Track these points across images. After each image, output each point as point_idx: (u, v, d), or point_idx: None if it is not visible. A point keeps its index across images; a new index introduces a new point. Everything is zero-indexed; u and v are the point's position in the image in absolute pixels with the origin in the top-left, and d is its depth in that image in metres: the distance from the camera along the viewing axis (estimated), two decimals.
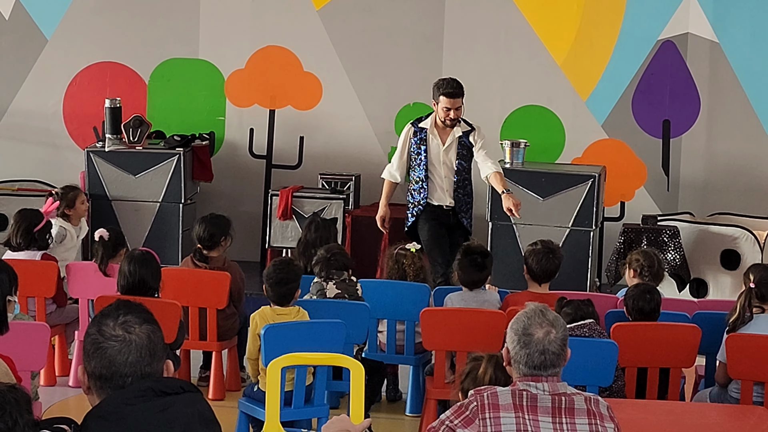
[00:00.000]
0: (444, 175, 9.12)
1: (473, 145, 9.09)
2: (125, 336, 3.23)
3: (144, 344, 3.24)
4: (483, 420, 4.12)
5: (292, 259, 7.67)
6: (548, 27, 11.04)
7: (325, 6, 11.28)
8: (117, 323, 3.25)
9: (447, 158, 9.12)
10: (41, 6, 11.52)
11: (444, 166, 9.12)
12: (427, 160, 9.14)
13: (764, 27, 10.74)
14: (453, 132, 9.09)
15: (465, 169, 9.16)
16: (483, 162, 9.06)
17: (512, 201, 8.91)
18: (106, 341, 3.23)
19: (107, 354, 3.22)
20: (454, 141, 9.09)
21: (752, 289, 6.70)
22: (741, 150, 10.91)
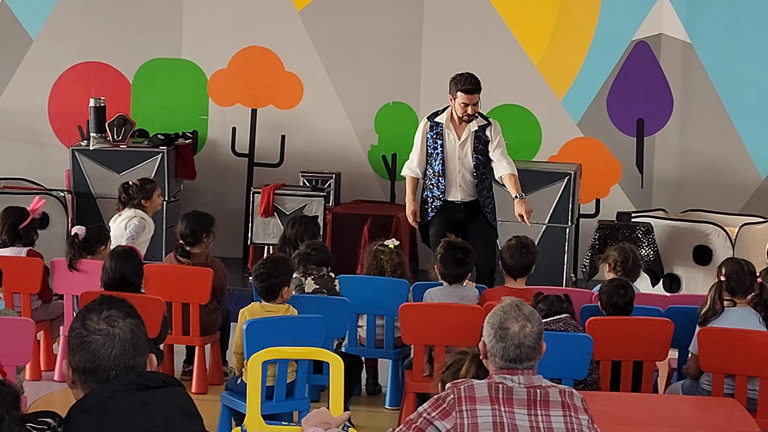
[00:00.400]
0: (458, 170, 8.90)
1: (490, 140, 8.86)
2: (109, 330, 3.23)
3: (127, 338, 3.23)
4: (460, 412, 4.12)
5: (284, 256, 7.64)
6: (525, 27, 11.06)
7: (306, 7, 11.27)
8: (101, 317, 3.25)
9: (462, 153, 8.88)
10: (26, 6, 11.49)
11: (459, 161, 8.89)
12: (444, 155, 8.91)
13: (735, 28, 10.78)
14: (469, 126, 8.86)
15: (482, 163, 8.90)
16: (498, 162, 8.85)
17: (524, 207, 8.76)
18: (90, 335, 3.23)
19: (91, 348, 3.22)
20: (470, 135, 8.86)
21: (722, 282, 6.72)
22: (713, 148, 10.95)
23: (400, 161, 11.28)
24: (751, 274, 6.75)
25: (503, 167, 8.84)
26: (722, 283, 6.71)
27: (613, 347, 6.62)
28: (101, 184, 10.77)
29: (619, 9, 10.88)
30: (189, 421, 3.17)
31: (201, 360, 8.02)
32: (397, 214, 10.69)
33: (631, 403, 5.90)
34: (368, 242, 9.56)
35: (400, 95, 11.29)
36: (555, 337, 6.08)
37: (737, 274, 6.72)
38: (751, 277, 6.75)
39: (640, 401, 6.07)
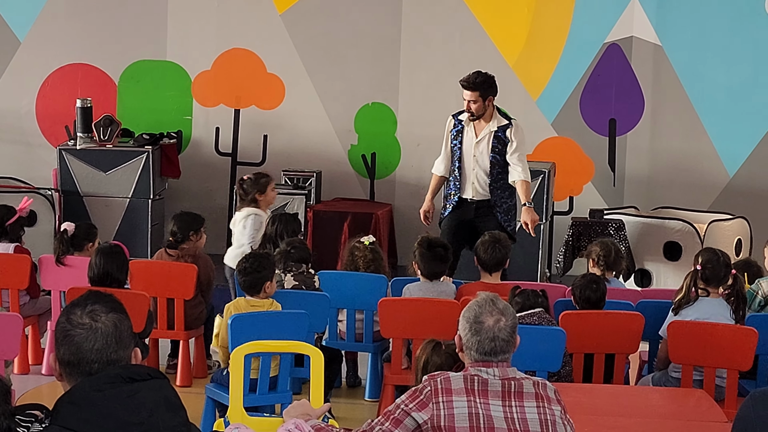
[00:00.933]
0: (473, 167, 8.71)
1: (509, 140, 8.63)
2: (92, 324, 3.23)
3: (110, 332, 3.23)
4: (436, 404, 4.13)
5: (267, 252, 7.64)
6: (500, 30, 11.07)
7: (287, 10, 11.27)
8: (84, 312, 3.25)
9: (477, 151, 8.69)
10: (14, 9, 11.45)
11: (474, 159, 8.70)
12: (461, 153, 8.75)
13: (704, 31, 10.81)
14: (488, 125, 8.66)
15: (498, 163, 8.69)
16: (514, 166, 8.63)
17: (530, 216, 8.62)
18: (73, 329, 3.23)
19: (74, 341, 3.22)
20: (488, 134, 8.66)
21: (698, 271, 6.74)
22: (683, 147, 10.98)
23: (379, 160, 11.31)
24: (726, 265, 6.77)
25: (517, 173, 8.65)
26: (698, 271, 6.73)
27: (585, 340, 6.63)
28: (88, 183, 10.75)
29: (592, 12, 10.90)
30: (172, 412, 3.18)
31: (185, 353, 8.01)
32: (376, 211, 10.71)
33: (603, 394, 5.91)
34: (348, 239, 9.58)
35: (378, 96, 11.29)
36: (529, 331, 6.10)
37: (713, 263, 6.74)
38: (726, 268, 6.76)
39: (612, 392, 6.09)
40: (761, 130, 10.84)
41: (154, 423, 3.10)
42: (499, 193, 8.77)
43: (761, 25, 10.70)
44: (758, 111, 10.82)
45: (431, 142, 11.06)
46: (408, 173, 11.32)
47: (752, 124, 10.86)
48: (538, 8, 10.98)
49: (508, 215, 8.79)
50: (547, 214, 10.16)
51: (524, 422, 4.12)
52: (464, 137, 8.75)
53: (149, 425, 3.09)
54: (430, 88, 11.19)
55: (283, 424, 4.27)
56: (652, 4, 10.82)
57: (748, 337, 6.40)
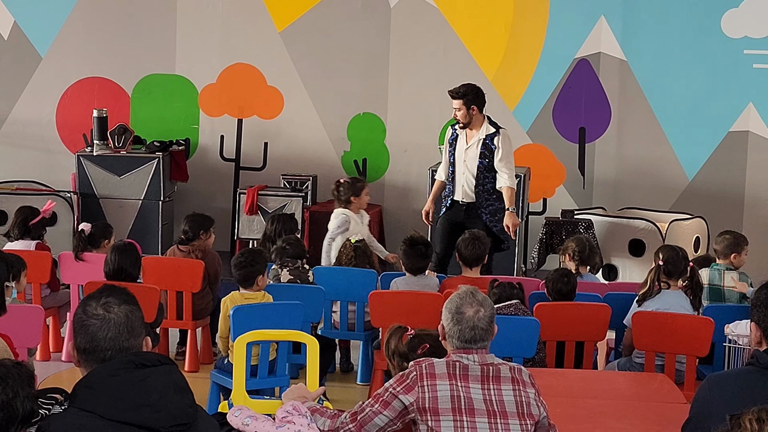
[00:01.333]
0: (463, 171, 8.79)
1: (496, 147, 8.71)
2: (105, 315, 3.24)
3: (121, 322, 3.24)
4: (421, 387, 4.14)
5: (260, 248, 7.65)
6: (480, 46, 11.07)
7: (286, 28, 11.26)
8: (99, 304, 3.27)
9: (467, 156, 8.77)
10: (36, 27, 11.44)
11: (464, 163, 8.79)
12: (454, 158, 8.86)
13: (665, 47, 10.82)
14: (478, 133, 8.74)
15: (486, 167, 8.75)
16: (500, 173, 8.71)
17: (512, 220, 8.69)
18: (89, 319, 3.25)
19: (90, 330, 3.23)
20: (477, 142, 8.74)
21: (661, 266, 6.77)
22: (646, 153, 10.99)
23: (369, 165, 11.31)
24: (684, 259, 6.83)
25: (503, 179, 8.72)
26: (660, 267, 6.76)
27: (557, 329, 6.65)
28: (103, 186, 10.73)
29: (563, 30, 10.91)
30: (180, 394, 3.19)
31: (193, 342, 8.01)
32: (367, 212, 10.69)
33: (573, 379, 5.92)
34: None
35: (369, 106, 11.29)
36: (506, 321, 6.12)
37: (673, 259, 6.78)
38: (685, 261, 6.82)
39: (582, 376, 6.10)
40: (717, 137, 10.85)
41: (163, 405, 3.11)
42: (485, 196, 8.81)
43: (717, 42, 10.72)
44: (715, 120, 10.83)
45: (417, 149, 11.11)
46: (396, 177, 11.33)
47: (709, 132, 10.87)
48: (515, 26, 10.98)
49: (495, 217, 8.80)
50: (523, 214, 10.16)
51: (501, 403, 4.13)
52: (457, 144, 8.85)
53: (159, 407, 3.10)
54: (416, 99, 11.19)
55: (282, 406, 4.28)
56: (618, 23, 10.83)
57: (706, 326, 6.43)
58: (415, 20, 11.11)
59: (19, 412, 3.28)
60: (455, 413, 4.09)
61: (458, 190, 8.85)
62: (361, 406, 4.24)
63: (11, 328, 5.53)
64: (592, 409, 5.13)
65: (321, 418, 4.26)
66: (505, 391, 4.16)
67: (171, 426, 3.10)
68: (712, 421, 3.55)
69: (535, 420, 4.17)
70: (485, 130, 8.78)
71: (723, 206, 10.75)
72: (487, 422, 4.09)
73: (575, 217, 10.20)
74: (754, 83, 10.71)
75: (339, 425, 4.23)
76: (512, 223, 8.72)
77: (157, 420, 3.08)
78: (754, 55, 10.71)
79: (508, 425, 4.10)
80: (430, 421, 4.09)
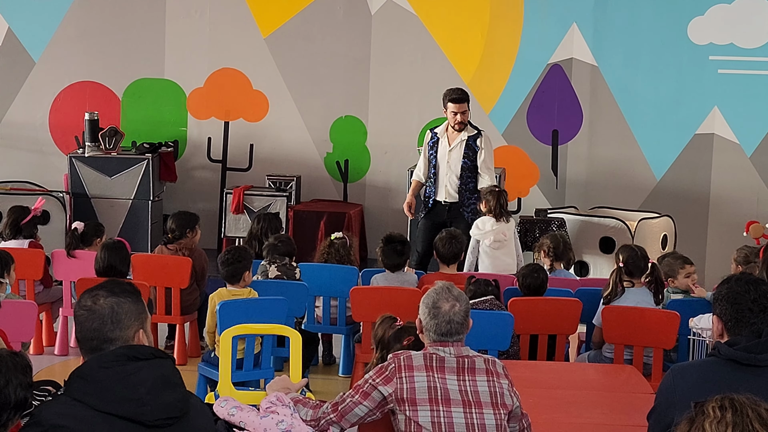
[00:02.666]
0: (446, 173, 8.91)
1: (479, 148, 8.87)
2: (92, 306, 3.25)
3: (106, 313, 3.23)
4: (400, 379, 4.15)
5: (245, 246, 7.65)
6: (457, 52, 11.10)
7: (271, 35, 11.26)
8: (90, 296, 3.27)
9: (450, 158, 8.90)
10: (30, 33, 11.40)
11: (447, 165, 8.91)
12: (436, 160, 8.97)
13: (634, 53, 10.86)
14: (461, 135, 8.89)
15: (469, 168, 8.90)
16: (482, 174, 8.88)
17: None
18: (79, 310, 3.26)
19: (79, 321, 3.25)
20: (460, 143, 8.90)
21: (621, 268, 6.78)
22: (616, 154, 11.02)
23: (351, 166, 11.32)
24: (644, 257, 6.82)
25: (484, 181, 8.86)
26: (621, 268, 6.77)
27: (531, 323, 6.67)
28: (95, 186, 10.71)
29: (537, 37, 10.94)
30: (170, 389, 3.14)
31: (181, 336, 8.00)
32: (349, 211, 10.71)
33: (546, 370, 5.94)
34: (324, 235, 9.58)
35: (351, 110, 11.30)
36: (481, 315, 6.13)
37: (633, 258, 6.79)
38: (645, 260, 6.82)
39: (554, 368, 6.11)
40: (684, 139, 10.90)
41: (150, 399, 3.08)
42: (467, 195, 8.92)
43: (684, 49, 10.77)
44: (682, 123, 10.87)
45: (397, 151, 11.13)
46: (377, 177, 11.34)
47: (676, 134, 10.91)
48: (490, 33, 11.01)
49: (476, 216, 8.84)
50: None
51: (476, 394, 4.15)
52: (439, 147, 8.94)
53: (145, 401, 3.07)
54: (396, 102, 11.21)
55: (266, 397, 4.29)
56: (589, 30, 10.87)
57: (672, 320, 6.46)
58: (395, 27, 11.12)
59: (11, 399, 3.29)
60: (432, 403, 4.11)
61: (441, 190, 8.95)
62: (342, 396, 4.25)
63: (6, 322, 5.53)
64: (563, 399, 5.15)
65: (303, 408, 4.27)
66: (479, 382, 4.18)
67: (157, 419, 3.08)
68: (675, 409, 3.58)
69: (509, 409, 4.19)
70: (467, 132, 8.93)
71: (689, 205, 10.80)
72: (462, 412, 4.11)
73: (548, 216, 10.22)
74: (719, 88, 10.76)
75: (321, 415, 4.24)
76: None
77: (143, 414, 3.06)
78: (718, 60, 10.76)
79: (483, 414, 4.12)
80: (408, 411, 4.11)
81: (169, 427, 3.10)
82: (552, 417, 4.85)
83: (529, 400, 4.55)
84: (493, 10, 10.98)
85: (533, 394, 4.95)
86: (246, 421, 4.08)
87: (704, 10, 10.72)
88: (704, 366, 3.80)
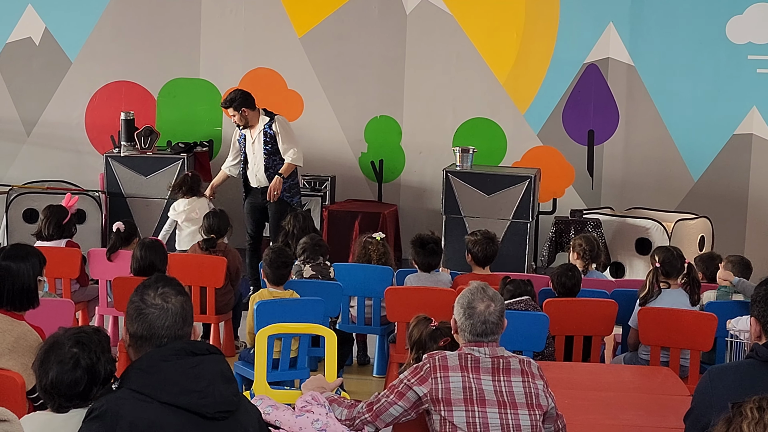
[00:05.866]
0: (254, 163, 9.47)
1: (275, 132, 9.41)
2: (163, 305, 3.30)
3: (178, 312, 3.31)
4: (435, 379, 4.16)
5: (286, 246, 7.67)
6: (492, 52, 11.10)
7: (306, 34, 11.30)
8: (157, 294, 3.33)
9: (254, 149, 9.46)
10: (66, 33, 11.51)
11: (253, 156, 9.45)
12: (245, 154, 9.49)
13: (671, 52, 10.82)
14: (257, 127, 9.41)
15: (270, 152, 9.44)
16: (285, 154, 9.38)
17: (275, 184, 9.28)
18: (147, 308, 3.31)
19: (148, 319, 3.29)
20: (258, 133, 9.43)
21: (657, 268, 6.75)
22: (653, 155, 10.99)
23: (386, 166, 11.35)
24: (680, 257, 6.79)
25: (288, 157, 9.36)
26: (657, 269, 6.75)
27: (566, 324, 6.65)
28: (130, 186, 10.79)
29: (573, 36, 10.92)
30: (227, 383, 3.24)
31: (216, 335, 8.04)
32: (383, 211, 10.73)
33: (581, 372, 5.91)
34: (359, 235, 9.60)
35: (386, 110, 11.32)
36: (516, 315, 6.12)
37: (669, 259, 6.76)
38: (681, 260, 6.79)
39: (589, 370, 6.09)
40: (722, 139, 10.85)
41: (211, 392, 3.17)
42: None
43: (722, 47, 10.72)
44: (719, 123, 10.83)
45: (432, 151, 11.14)
46: (411, 177, 11.36)
47: (714, 135, 10.86)
48: (526, 33, 11.00)
49: (290, 192, 9.47)
50: (533, 213, 10.17)
51: (511, 394, 4.16)
52: (246, 141, 9.54)
53: (206, 393, 3.16)
54: (431, 102, 11.22)
55: (302, 396, 4.32)
56: (625, 30, 10.84)
57: (709, 322, 6.43)
58: (430, 26, 11.13)
59: (102, 374, 3.44)
60: (467, 404, 4.12)
61: (252, 178, 9.51)
62: (377, 396, 4.27)
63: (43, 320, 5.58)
64: (599, 401, 5.14)
65: (338, 407, 4.30)
66: (515, 383, 4.19)
67: (216, 412, 3.15)
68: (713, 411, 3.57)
69: (544, 410, 4.19)
70: (262, 121, 9.39)
71: (727, 206, 10.75)
72: (497, 412, 4.11)
73: (584, 216, 10.21)
74: (758, 87, 10.70)
75: (356, 414, 4.26)
76: (274, 187, 9.30)
77: (204, 406, 3.14)
78: (757, 60, 10.71)
79: (518, 415, 4.12)
80: (443, 411, 4.12)
81: (224, 421, 3.17)
82: (587, 418, 4.85)
83: (564, 401, 4.55)
84: (528, 10, 10.97)
85: (568, 395, 4.94)
86: (281, 420, 4.11)
87: (743, 8, 10.67)
88: (742, 368, 3.79)
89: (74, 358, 3.47)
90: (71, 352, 3.49)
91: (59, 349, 3.51)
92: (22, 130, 11.62)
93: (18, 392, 4.55)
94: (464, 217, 10.02)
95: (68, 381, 3.45)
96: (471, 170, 10.17)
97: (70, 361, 3.47)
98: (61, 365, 3.47)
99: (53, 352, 3.51)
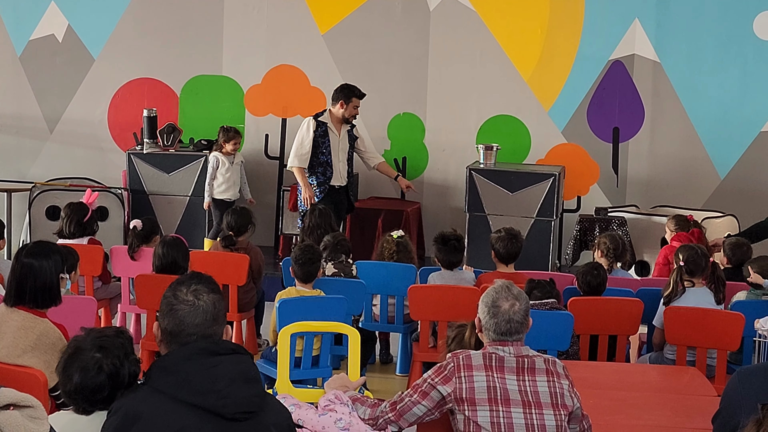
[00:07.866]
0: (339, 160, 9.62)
1: (359, 137, 9.75)
2: (195, 301, 3.29)
3: (209, 310, 3.29)
4: (459, 378, 4.15)
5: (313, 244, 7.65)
6: (517, 49, 11.06)
7: (328, 31, 11.30)
8: (189, 290, 3.31)
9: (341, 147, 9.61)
10: (89, 30, 11.54)
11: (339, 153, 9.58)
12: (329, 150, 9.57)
13: (697, 49, 10.77)
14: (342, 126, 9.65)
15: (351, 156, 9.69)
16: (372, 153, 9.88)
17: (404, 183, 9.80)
18: (178, 304, 3.29)
19: (178, 315, 3.28)
20: (346, 133, 9.63)
21: (682, 267, 6.72)
22: (678, 152, 10.94)
23: (409, 164, 11.33)
24: (704, 256, 6.77)
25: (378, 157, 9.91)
26: (682, 267, 6.71)
27: (591, 323, 6.63)
28: (153, 183, 10.82)
29: (598, 33, 10.88)
30: (248, 384, 3.20)
31: (238, 333, 8.04)
32: (406, 209, 10.71)
33: (606, 371, 5.89)
34: (382, 233, 9.59)
35: (409, 107, 11.31)
36: (541, 315, 6.10)
37: (693, 258, 6.73)
38: (705, 258, 6.76)
39: (614, 369, 6.06)
40: (749, 137, 10.79)
41: (230, 392, 3.14)
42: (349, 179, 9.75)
43: (749, 45, 10.66)
44: (746, 120, 10.76)
45: (455, 148, 11.12)
46: (435, 175, 11.34)
47: (741, 132, 10.81)
48: (550, 29, 10.97)
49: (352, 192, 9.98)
50: (557, 211, 10.15)
51: (536, 394, 4.14)
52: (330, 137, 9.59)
53: (225, 394, 3.13)
54: (455, 100, 11.19)
55: (325, 394, 4.31)
56: (651, 26, 10.79)
57: (736, 321, 6.38)
58: (454, 23, 11.11)
59: (126, 379, 3.45)
60: (491, 403, 4.10)
61: (336, 176, 9.56)
62: (400, 396, 4.26)
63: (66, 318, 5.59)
64: (624, 401, 5.11)
65: (362, 406, 4.29)
66: (539, 383, 4.17)
67: (236, 413, 3.14)
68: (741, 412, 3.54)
69: (569, 410, 4.17)
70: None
71: (754, 204, 10.67)
72: (522, 412, 4.09)
73: (609, 214, 10.17)
74: None
75: (379, 414, 4.25)
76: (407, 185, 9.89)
77: (223, 406, 3.12)
78: None
79: (543, 415, 4.10)
80: (467, 410, 4.10)
81: (246, 422, 3.15)
82: (613, 419, 4.82)
83: (589, 401, 4.52)
84: (553, 6, 10.93)
85: (594, 395, 4.92)
86: (304, 419, 4.11)
87: None
88: None
89: (97, 363, 3.47)
90: (94, 357, 3.49)
91: (82, 354, 3.51)
92: (45, 127, 11.66)
93: (41, 390, 4.56)
94: (488, 215, 10.00)
95: (91, 387, 3.46)
96: (495, 168, 10.15)
97: (93, 368, 3.47)
98: (84, 372, 3.47)
99: (76, 357, 3.51)
